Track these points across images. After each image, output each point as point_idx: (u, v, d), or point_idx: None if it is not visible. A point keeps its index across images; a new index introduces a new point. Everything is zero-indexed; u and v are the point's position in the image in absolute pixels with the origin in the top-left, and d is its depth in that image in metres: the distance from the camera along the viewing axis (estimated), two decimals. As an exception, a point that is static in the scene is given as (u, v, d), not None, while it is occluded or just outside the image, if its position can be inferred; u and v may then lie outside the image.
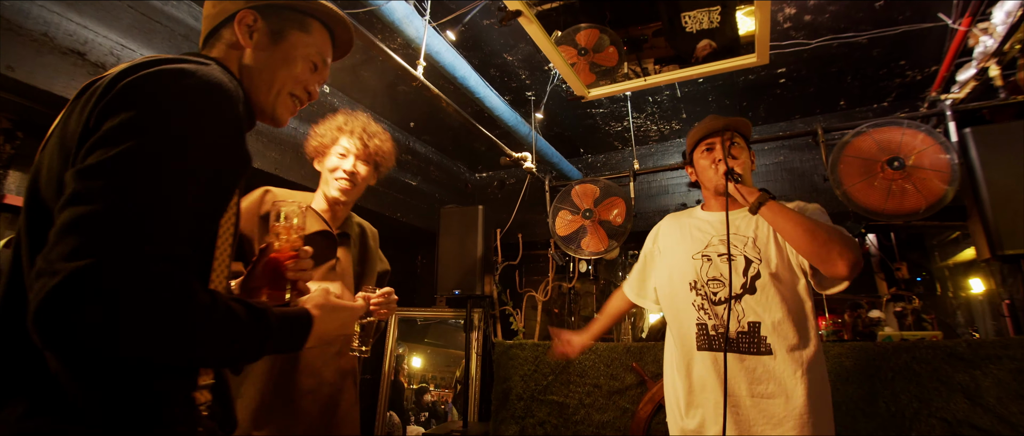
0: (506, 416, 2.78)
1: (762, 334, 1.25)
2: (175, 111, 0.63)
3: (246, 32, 0.84)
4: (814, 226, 1.18)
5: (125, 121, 0.60)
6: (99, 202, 0.55)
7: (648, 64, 3.03)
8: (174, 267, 0.57)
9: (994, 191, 2.31)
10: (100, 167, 0.57)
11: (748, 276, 1.30)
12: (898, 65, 2.90)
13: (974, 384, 2.05)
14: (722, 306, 1.31)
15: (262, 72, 0.85)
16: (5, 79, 1.89)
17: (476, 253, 3.34)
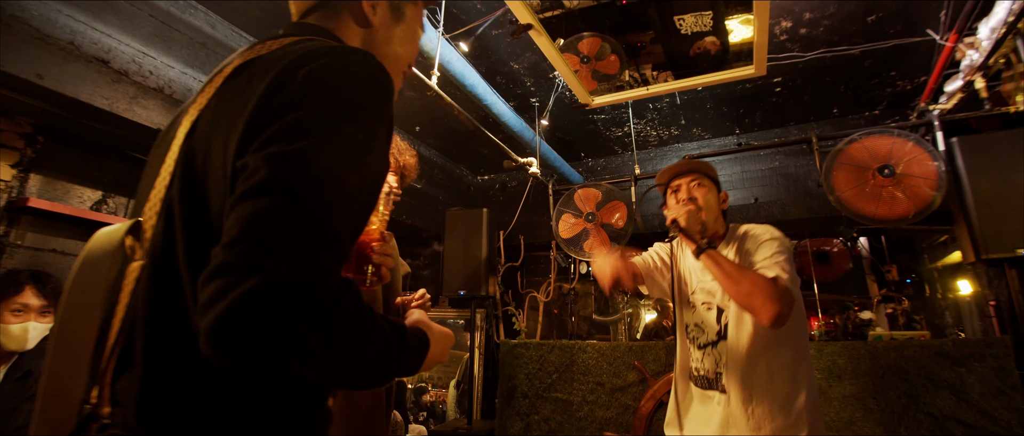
0: (511, 413, 2.86)
1: (730, 376, 1.31)
2: (369, 105, 0.58)
3: (372, 9, 0.76)
4: (739, 276, 1.21)
5: (316, 110, 0.54)
6: (290, 196, 0.49)
7: (646, 70, 3.12)
8: (346, 285, 0.52)
9: (979, 198, 2.42)
10: (292, 156, 0.51)
11: (721, 323, 1.36)
12: (889, 76, 3.02)
13: (959, 381, 2.15)
14: (701, 351, 1.41)
15: (389, 49, 0.78)
16: (33, 86, 1.95)
17: (481, 255, 3.42)
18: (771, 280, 1.19)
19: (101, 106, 2.11)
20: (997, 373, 2.12)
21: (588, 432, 2.70)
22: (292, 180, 0.50)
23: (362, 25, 0.76)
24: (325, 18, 0.76)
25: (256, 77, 0.58)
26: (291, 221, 0.48)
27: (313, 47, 0.61)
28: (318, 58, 0.58)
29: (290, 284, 0.46)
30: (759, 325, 1.29)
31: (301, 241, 0.48)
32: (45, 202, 2.26)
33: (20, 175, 2.32)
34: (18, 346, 1.80)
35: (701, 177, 1.50)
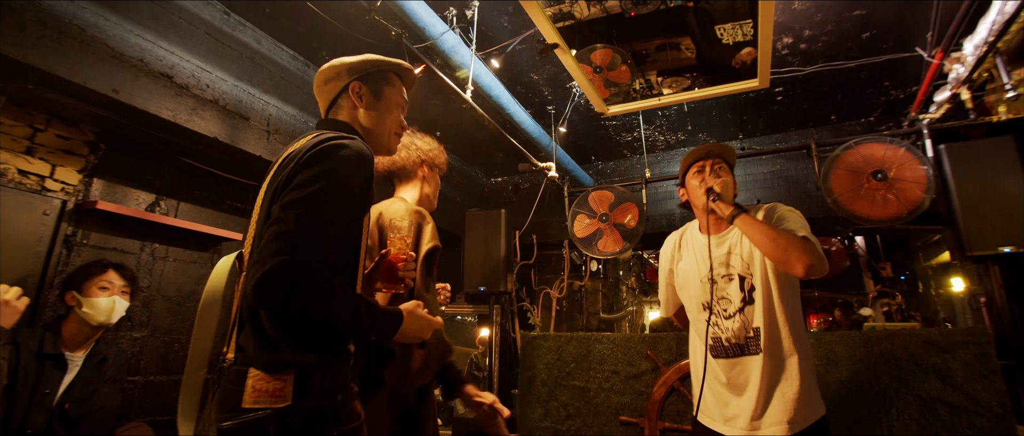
0: (531, 400, 3.07)
1: (763, 338, 1.47)
2: (339, 171, 0.96)
3: (357, 98, 1.18)
4: (776, 235, 1.35)
5: (309, 175, 0.94)
6: (290, 224, 0.89)
7: (651, 76, 3.33)
8: (324, 267, 0.89)
9: (964, 200, 2.64)
10: (293, 202, 0.91)
11: (745, 290, 1.51)
12: (883, 86, 3.24)
13: (945, 366, 2.37)
14: (731, 319, 1.52)
15: (375, 122, 1.19)
16: (109, 99, 2.16)
17: (500, 253, 3.63)
18: (803, 238, 1.35)
19: (166, 117, 2.32)
20: (979, 359, 2.33)
21: (604, 416, 2.91)
22: (291, 215, 0.90)
23: (353, 109, 1.18)
24: (336, 112, 1.19)
25: (291, 161, 0.99)
26: (288, 237, 0.88)
27: (318, 141, 0.99)
28: (315, 148, 0.97)
29: (282, 268, 0.85)
30: (783, 286, 1.45)
31: (293, 247, 0.87)
32: (111, 204, 2.47)
33: (85, 180, 2.53)
34: (105, 318, 2.01)
35: (722, 162, 1.63)
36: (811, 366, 1.50)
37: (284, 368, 0.90)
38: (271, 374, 0.89)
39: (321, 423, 0.92)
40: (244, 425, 0.86)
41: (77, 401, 1.96)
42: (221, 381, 0.94)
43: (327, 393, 0.93)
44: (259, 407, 0.87)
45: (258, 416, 0.86)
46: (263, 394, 0.88)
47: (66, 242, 2.41)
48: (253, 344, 0.92)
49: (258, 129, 2.77)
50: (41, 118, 2.38)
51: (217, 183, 3.04)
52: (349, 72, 1.19)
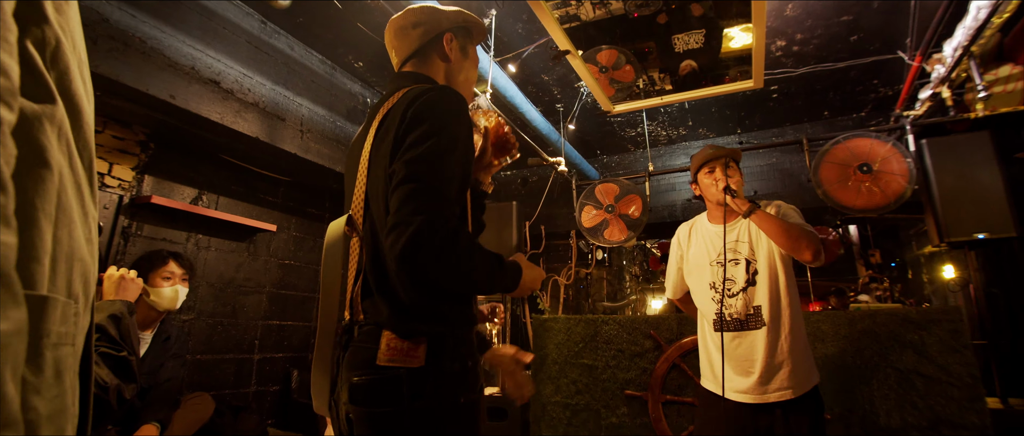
0: (544, 377, 3.33)
1: (762, 313, 1.69)
2: (449, 121, 0.94)
3: (449, 50, 1.13)
4: (788, 227, 1.55)
5: (422, 132, 0.91)
6: (420, 181, 0.86)
7: (653, 74, 3.55)
8: (462, 224, 0.90)
9: (943, 190, 2.87)
10: (415, 159, 0.88)
11: (749, 272, 1.73)
12: (872, 83, 3.45)
13: (921, 342, 2.61)
14: (735, 297, 1.74)
15: (462, 76, 1.18)
16: (166, 104, 2.41)
17: (511, 242, 3.88)
18: (810, 230, 1.57)
19: (215, 119, 2.56)
20: (952, 335, 2.56)
21: (610, 391, 3.17)
22: (417, 171, 0.88)
23: (444, 61, 1.15)
24: (419, 64, 1.15)
25: (393, 121, 0.98)
26: (422, 194, 0.86)
27: (417, 95, 0.97)
28: (419, 102, 0.96)
29: (429, 227, 0.83)
30: (783, 270, 1.67)
31: (430, 204, 0.85)
32: (163, 199, 2.73)
33: (137, 176, 2.78)
34: (169, 305, 2.26)
35: (732, 161, 1.83)
36: (806, 339, 1.73)
37: (417, 334, 0.91)
38: (405, 338, 0.90)
39: (451, 387, 0.92)
40: (380, 381, 0.88)
41: (148, 373, 2.22)
42: (350, 343, 0.96)
43: (458, 359, 0.94)
44: (394, 365, 0.89)
45: (393, 373, 0.88)
46: (398, 353, 0.90)
47: (123, 233, 2.66)
48: (387, 312, 0.92)
49: (293, 129, 3.01)
50: (99, 121, 2.62)
51: (252, 178, 3.29)
52: (444, 21, 1.15)
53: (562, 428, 3.24)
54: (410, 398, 0.88)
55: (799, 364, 1.66)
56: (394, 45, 1.17)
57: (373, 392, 0.89)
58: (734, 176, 1.80)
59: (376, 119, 1.03)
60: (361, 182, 1.01)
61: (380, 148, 0.98)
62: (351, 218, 1.01)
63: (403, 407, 0.88)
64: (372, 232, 0.98)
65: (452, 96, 0.98)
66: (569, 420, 3.24)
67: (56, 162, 0.36)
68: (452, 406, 0.92)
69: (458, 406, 0.92)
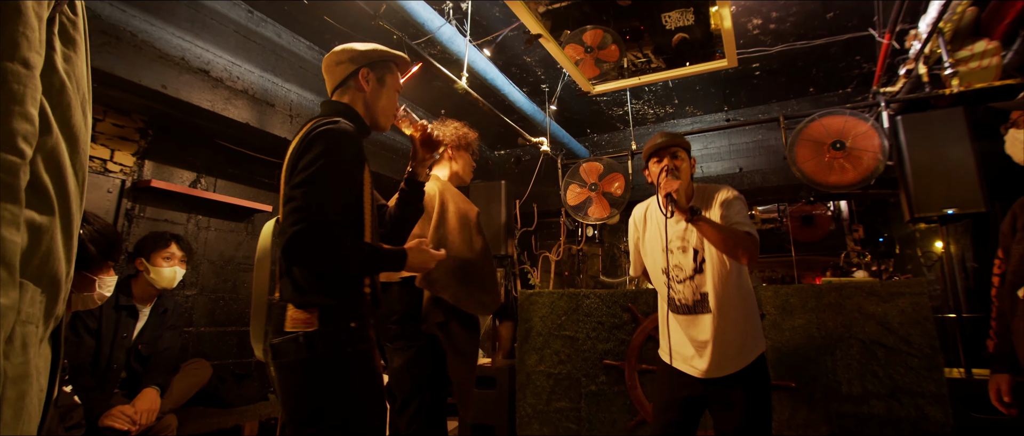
0: (528, 348, 3.49)
1: (709, 300, 1.77)
2: (333, 150, 1.21)
3: (366, 83, 1.40)
4: (727, 235, 1.62)
5: (309, 158, 1.20)
6: (300, 200, 1.16)
7: (648, 51, 3.60)
8: (335, 227, 1.18)
9: (916, 167, 2.90)
10: (299, 183, 1.18)
11: (697, 261, 1.81)
12: (854, 59, 3.46)
13: (884, 314, 2.70)
14: (682, 284, 1.83)
15: (381, 103, 1.43)
16: (159, 94, 2.55)
17: (500, 220, 4.00)
18: (747, 234, 1.62)
19: (206, 107, 2.70)
20: (914, 307, 2.65)
21: (591, 361, 3.32)
22: (301, 190, 1.17)
23: (361, 92, 1.40)
24: (342, 94, 1.41)
25: (298, 147, 1.24)
26: (300, 210, 1.15)
27: (312, 128, 1.23)
28: (311, 134, 1.22)
29: (301, 234, 1.14)
30: (730, 259, 1.75)
31: (307, 215, 1.14)
32: (162, 182, 2.89)
33: (138, 162, 2.95)
34: (168, 284, 2.44)
35: (678, 149, 1.86)
36: (755, 320, 1.82)
37: (311, 306, 1.20)
38: (303, 310, 1.20)
39: (338, 342, 1.21)
40: (285, 342, 1.20)
41: (147, 343, 2.43)
42: (272, 314, 1.28)
43: (343, 321, 1.23)
44: (295, 331, 1.19)
45: (294, 336, 1.19)
46: (298, 322, 1.20)
47: (127, 215, 2.84)
48: (290, 289, 1.24)
49: (282, 114, 3.15)
50: (99, 110, 2.78)
51: (248, 162, 3.45)
52: (360, 59, 1.40)
53: (545, 396, 3.41)
54: (306, 350, 1.18)
55: (745, 344, 1.76)
56: (326, 78, 1.44)
57: (282, 348, 1.20)
58: (682, 164, 1.84)
59: (295, 141, 1.30)
60: (281, 192, 1.31)
61: (289, 167, 1.26)
62: (278, 220, 1.32)
63: (302, 357, 1.18)
64: None
65: (340, 130, 1.24)
66: (552, 388, 3.41)
67: (44, 181, 0.49)
68: (340, 354, 1.21)
69: (345, 354, 1.22)
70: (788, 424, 2.80)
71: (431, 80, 3.81)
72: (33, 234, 0.48)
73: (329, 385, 1.19)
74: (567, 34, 3.23)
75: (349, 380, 1.22)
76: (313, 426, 1.18)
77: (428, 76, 3.73)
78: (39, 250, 0.49)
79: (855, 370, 2.70)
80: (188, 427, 2.45)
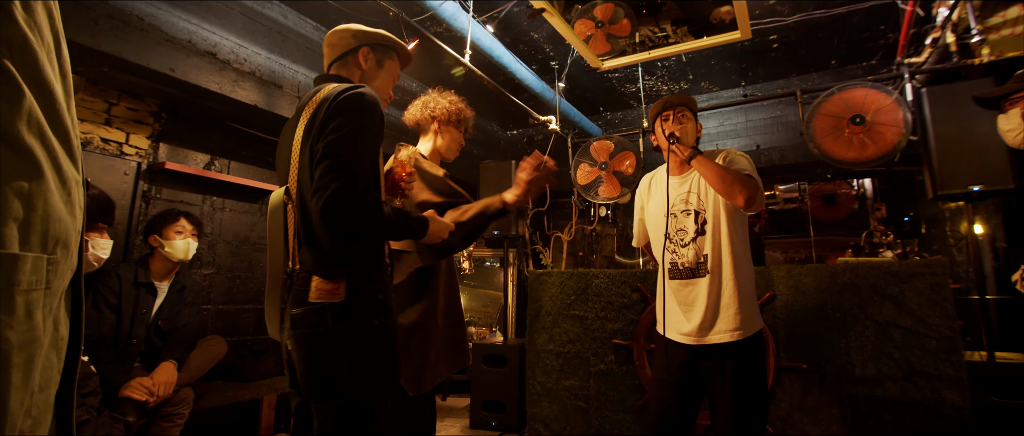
0: (538, 328, 3.50)
1: (710, 263, 1.77)
2: (364, 113, 1.21)
3: (365, 61, 1.42)
4: (724, 172, 1.63)
5: (342, 119, 1.18)
6: (336, 157, 1.14)
7: (666, 25, 3.49)
8: (370, 188, 1.18)
9: (940, 142, 2.77)
10: (334, 141, 1.16)
11: (698, 223, 1.77)
12: (879, 29, 3.30)
13: (902, 294, 2.61)
14: (685, 247, 1.82)
15: (376, 83, 1.44)
16: (167, 77, 2.59)
17: (511, 200, 3.99)
18: (747, 176, 1.62)
19: (214, 90, 2.74)
20: (933, 288, 2.56)
21: (600, 340, 3.32)
22: (334, 149, 1.15)
23: (359, 69, 1.41)
24: (340, 68, 1.41)
25: (319, 111, 1.22)
26: (337, 166, 1.14)
27: (341, 91, 1.22)
28: (342, 96, 1.21)
29: (342, 189, 1.12)
30: (730, 222, 1.72)
31: (343, 173, 1.13)
32: (176, 164, 2.96)
33: (153, 145, 3.02)
34: (183, 256, 2.52)
35: (685, 109, 1.87)
36: (751, 289, 1.79)
37: (337, 276, 1.17)
38: (329, 280, 1.17)
39: (366, 314, 1.19)
40: (310, 312, 1.16)
41: (166, 318, 2.51)
42: (293, 284, 1.22)
43: (371, 293, 1.20)
44: (321, 301, 1.15)
45: (320, 306, 1.15)
46: (323, 292, 1.16)
47: (144, 196, 2.92)
48: (312, 259, 1.19)
49: (290, 95, 3.17)
50: (114, 94, 2.84)
51: (259, 143, 3.50)
52: (363, 37, 1.41)
53: (555, 374, 3.43)
54: (333, 322, 1.15)
55: (740, 311, 1.73)
56: (326, 51, 1.44)
57: (306, 319, 1.16)
58: (684, 124, 1.84)
59: (307, 109, 1.27)
60: (295, 160, 1.25)
61: (309, 133, 1.23)
62: (288, 189, 1.26)
63: (328, 329, 1.15)
64: (302, 199, 1.24)
65: (370, 95, 1.23)
66: (561, 367, 3.42)
67: (27, 143, 0.46)
68: (367, 327, 1.19)
69: (372, 327, 1.20)
70: (799, 406, 2.76)
71: (439, 59, 3.77)
72: (25, 201, 0.46)
73: (355, 357, 1.17)
74: (578, 9, 3.15)
75: (375, 354, 1.20)
76: (335, 399, 1.16)
77: (434, 55, 3.70)
78: (35, 215, 0.47)
79: (870, 352, 2.63)
80: (207, 400, 2.55)
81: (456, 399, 4.40)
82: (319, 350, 1.16)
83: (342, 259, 1.19)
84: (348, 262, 1.20)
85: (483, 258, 5.38)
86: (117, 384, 2.16)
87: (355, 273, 1.20)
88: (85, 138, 2.71)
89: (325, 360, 1.16)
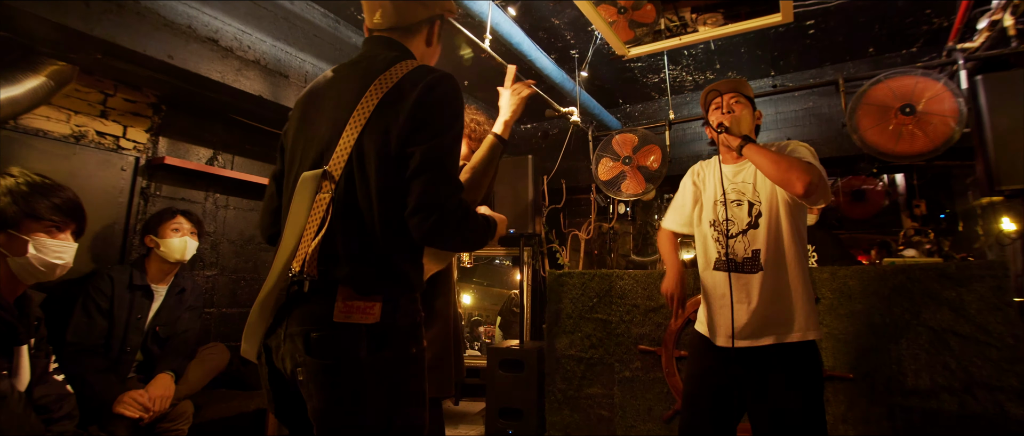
0: (558, 331, 3.32)
1: (762, 258, 1.62)
2: (460, 115, 1.08)
3: (434, 36, 1.23)
4: (779, 159, 1.48)
5: (443, 121, 1.03)
6: (441, 170, 1.00)
7: (685, 13, 3.28)
8: (469, 203, 1.06)
9: (998, 133, 2.56)
10: (438, 151, 1.00)
11: (752, 215, 1.66)
12: (924, 13, 3.08)
13: (959, 299, 2.41)
14: (734, 239, 1.68)
15: (431, 61, 1.25)
16: (166, 65, 2.41)
17: (527, 197, 3.80)
18: (806, 163, 1.48)
19: (215, 78, 2.56)
20: (994, 292, 2.35)
21: (624, 346, 3.13)
22: (438, 161, 1.00)
23: (428, 45, 1.22)
24: (404, 36, 1.17)
25: (403, 98, 1.02)
26: (443, 183, 1.01)
27: (433, 76, 1.05)
28: (438, 85, 1.04)
29: (450, 213, 1.00)
30: (789, 215, 1.60)
31: (448, 191, 1.01)
32: (176, 159, 2.79)
33: (152, 138, 2.84)
34: (180, 255, 2.35)
35: (739, 95, 1.73)
36: (809, 291, 1.62)
37: (374, 292, 0.99)
38: (363, 297, 0.98)
39: (403, 339, 1.03)
40: (338, 335, 0.95)
41: (165, 324, 2.34)
42: (300, 294, 0.98)
43: (409, 315, 1.05)
44: (351, 322, 0.96)
45: (354, 329, 0.96)
46: (355, 311, 0.97)
47: (142, 193, 2.75)
48: (348, 272, 0.98)
49: (297, 86, 2.99)
50: (110, 84, 2.67)
51: (264, 137, 3.32)
52: (438, 7, 1.20)
53: (576, 381, 3.25)
54: (369, 350, 0.97)
55: (796, 312, 1.58)
56: (386, 7, 1.15)
57: (333, 345, 0.95)
58: (735, 111, 1.70)
59: (377, 84, 1.04)
60: (347, 142, 1.02)
61: (383, 118, 1.02)
62: (328, 173, 1.02)
63: (362, 358, 0.96)
64: (350, 193, 1.02)
65: (458, 87, 1.08)
66: (583, 373, 3.24)
67: None
68: (404, 356, 1.03)
69: (410, 356, 1.03)
70: (843, 418, 2.57)
71: (453, 50, 3.58)
72: None
73: (393, 394, 0.99)
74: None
75: (415, 388, 1.04)
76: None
77: (450, 44, 3.50)
78: None
79: (923, 361, 2.43)
80: (208, 411, 2.38)
81: (469, 403, 4.23)
82: (349, 385, 0.95)
83: (388, 273, 1.02)
84: (388, 279, 1.02)
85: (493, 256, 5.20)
86: (110, 397, 1.99)
87: (397, 290, 1.03)
88: (79, 132, 2.53)
89: (358, 397, 0.96)
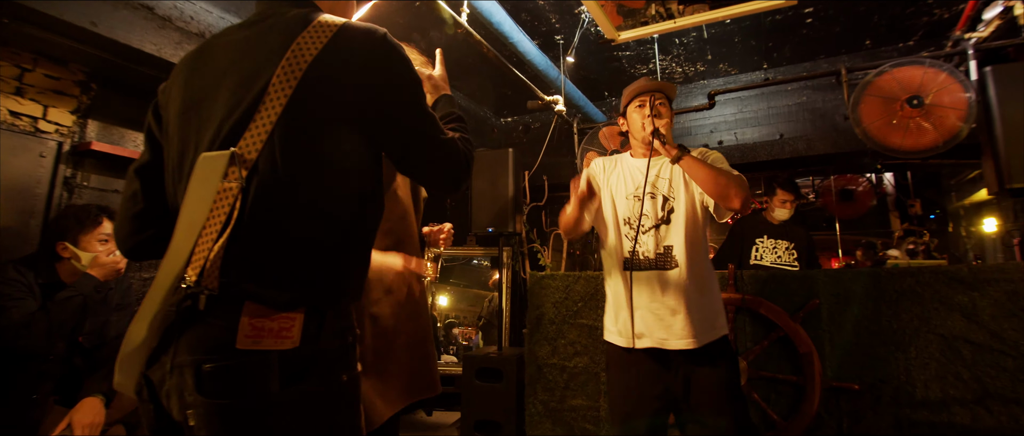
0: (539, 338, 3.06)
1: (673, 254, 1.58)
2: (411, 65, 0.92)
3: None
4: (717, 173, 1.48)
5: (407, 76, 0.90)
6: (427, 130, 0.91)
7: (671, 4, 3.08)
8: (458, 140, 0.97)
9: (1008, 127, 2.42)
10: (411, 114, 0.90)
11: (664, 210, 1.61)
12: (925, 3, 2.93)
13: (972, 304, 2.24)
14: (646, 234, 1.62)
15: (347, 15, 1.03)
16: (89, 33, 2.07)
17: (507, 193, 3.54)
18: (737, 175, 1.50)
19: (151, 52, 2.23)
20: (1009, 297, 2.19)
21: (612, 355, 2.89)
22: (421, 122, 0.91)
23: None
24: None
25: (331, 61, 0.81)
26: (438, 141, 0.93)
27: (359, 33, 0.85)
28: (379, 44, 0.86)
29: (461, 166, 0.98)
30: (704, 214, 1.60)
31: (448, 142, 0.95)
32: (106, 145, 2.44)
33: (79, 121, 2.48)
34: (111, 276, 1.97)
35: (663, 97, 1.67)
36: (717, 288, 1.65)
37: (293, 305, 0.76)
38: (276, 310, 0.74)
39: (329, 366, 0.80)
40: (241, 366, 0.72)
41: (90, 333, 1.99)
42: (194, 315, 0.74)
43: (338, 334, 0.83)
44: (257, 348, 0.72)
45: (260, 358, 0.72)
46: (266, 333, 0.73)
47: (66, 184, 2.40)
48: (250, 274, 0.75)
49: (250, 65, 2.67)
50: (28, 58, 2.31)
51: (215, 124, 2.98)
52: None
53: (559, 392, 3.00)
54: (283, 383, 0.73)
55: (705, 313, 1.56)
56: None
57: (234, 380, 0.72)
58: (665, 118, 1.65)
59: (289, 45, 0.81)
60: (266, 118, 0.77)
61: (319, 88, 0.80)
62: (239, 156, 0.76)
63: (273, 396, 0.73)
64: (269, 181, 0.76)
65: (392, 38, 0.90)
66: (566, 383, 2.99)
67: None
68: (332, 388, 0.80)
69: (340, 386, 0.81)
70: (849, 432, 2.38)
71: (427, 30, 3.29)
72: None
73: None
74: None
75: (343, 425, 0.82)
76: None
77: (423, 24, 3.22)
78: None
79: (933, 371, 2.26)
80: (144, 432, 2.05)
81: (443, 414, 3.95)
82: (255, 432, 0.72)
83: (314, 279, 0.79)
84: (310, 287, 0.78)
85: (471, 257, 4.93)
86: (24, 425, 1.64)
87: (324, 300, 0.80)
88: (-13, 110, 2.17)
89: None
